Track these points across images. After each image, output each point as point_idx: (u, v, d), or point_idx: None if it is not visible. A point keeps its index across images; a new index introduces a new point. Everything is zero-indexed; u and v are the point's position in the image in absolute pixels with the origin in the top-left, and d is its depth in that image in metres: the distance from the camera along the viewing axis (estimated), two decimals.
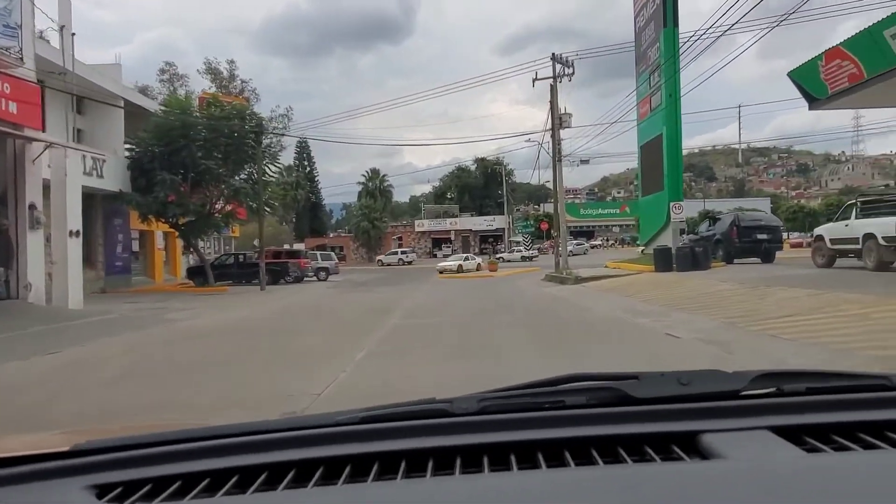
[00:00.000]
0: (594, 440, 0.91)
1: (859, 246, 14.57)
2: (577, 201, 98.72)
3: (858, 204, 15.05)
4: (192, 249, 28.43)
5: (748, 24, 33.93)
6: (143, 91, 47.22)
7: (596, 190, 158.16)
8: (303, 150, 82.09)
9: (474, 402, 1.01)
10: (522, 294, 19.41)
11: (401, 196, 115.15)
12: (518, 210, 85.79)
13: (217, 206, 26.77)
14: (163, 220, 25.58)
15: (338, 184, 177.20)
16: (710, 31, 17.69)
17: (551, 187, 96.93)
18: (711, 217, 23.37)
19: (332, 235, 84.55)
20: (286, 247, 76.75)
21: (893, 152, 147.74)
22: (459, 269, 35.58)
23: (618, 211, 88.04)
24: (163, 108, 26.02)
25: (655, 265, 19.36)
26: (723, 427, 0.91)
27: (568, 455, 0.88)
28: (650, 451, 0.89)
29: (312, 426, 1.01)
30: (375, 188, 75.53)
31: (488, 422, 0.97)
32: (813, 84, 15.65)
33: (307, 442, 0.96)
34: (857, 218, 14.93)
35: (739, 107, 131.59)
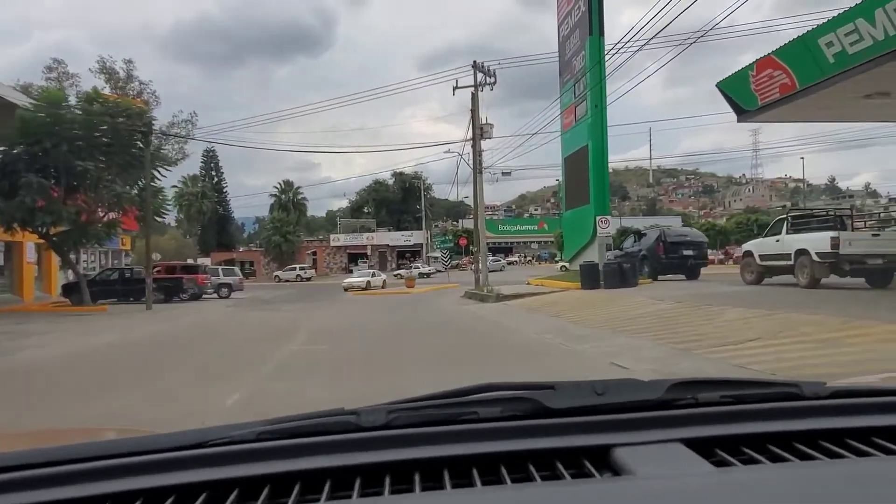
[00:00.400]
0: (504, 456, 0.89)
1: (791, 262, 13.94)
2: (494, 217, 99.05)
3: (789, 219, 14.48)
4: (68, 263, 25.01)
5: (665, 39, 34.26)
6: (26, 90, 42.55)
7: (514, 207, 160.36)
8: (210, 160, 77.68)
9: (382, 414, 0.97)
10: (441, 313, 17.81)
11: (318, 211, 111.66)
12: (436, 226, 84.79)
13: (98, 214, 23.63)
14: (30, 230, 22.23)
15: (252, 195, 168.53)
16: (630, 43, 17.11)
17: (470, 203, 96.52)
18: (636, 233, 22.73)
19: (241, 250, 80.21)
20: (189, 261, 72.37)
21: (788, 175, 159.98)
22: (367, 286, 33.51)
23: (535, 227, 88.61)
24: (32, 102, 22.71)
25: (582, 282, 18.29)
26: (636, 440, 0.90)
27: (476, 473, 0.85)
28: (561, 466, 0.87)
29: (201, 444, 0.92)
30: (288, 201, 72.18)
31: (396, 437, 0.93)
32: (742, 95, 15.01)
33: (195, 462, 0.88)
34: (787, 233, 14.32)
35: (650, 129, 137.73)
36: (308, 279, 60.52)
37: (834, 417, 0.96)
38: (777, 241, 14.62)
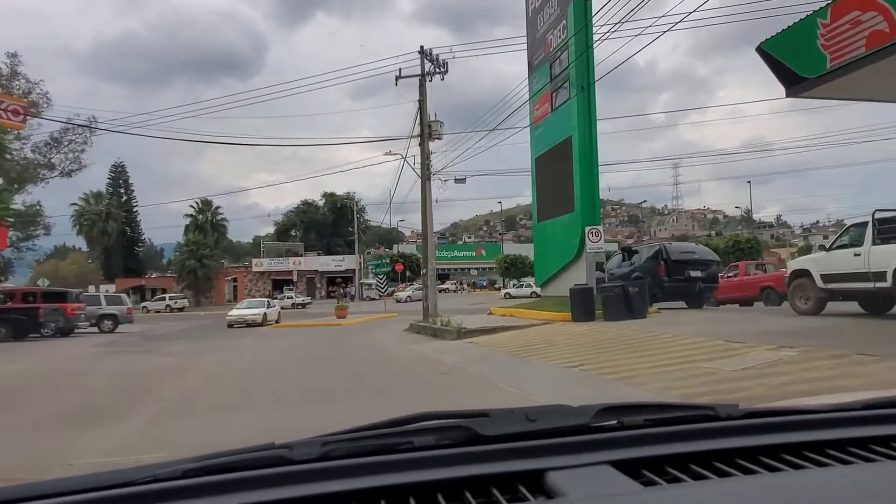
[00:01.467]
0: (441, 484, 0.90)
1: (888, 284, 9.84)
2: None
3: (876, 223, 10.39)
4: None
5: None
6: None
7: (447, 235, 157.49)
8: (118, 175, 69.94)
9: (317, 447, 0.96)
10: (384, 356, 12.85)
11: (244, 237, 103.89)
12: (369, 252, 79.39)
13: None
14: None
15: (174, 221, 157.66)
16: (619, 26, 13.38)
17: (403, 231, 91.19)
18: (626, 250, 18.58)
19: (153, 276, 72.20)
20: (92, 288, 63.90)
21: (706, 207, 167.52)
22: (264, 320, 26.52)
23: (473, 254, 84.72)
24: None
25: (573, 312, 13.79)
26: (567, 464, 0.92)
27: (413, 501, 0.87)
28: (496, 492, 0.89)
29: (125, 483, 0.88)
30: (206, 221, 65.14)
31: (331, 469, 0.91)
32: (801, 56, 10.94)
33: (118, 503, 0.84)
34: (875, 243, 10.26)
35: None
36: (181, 309, 54.15)
37: (747, 436, 1.01)
38: (856, 254, 10.54)
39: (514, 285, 51.80)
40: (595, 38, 14.93)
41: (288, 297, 57.16)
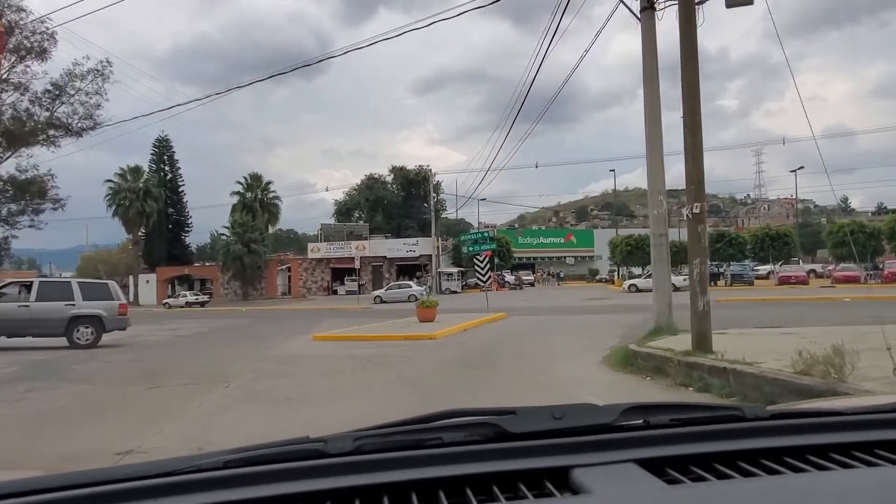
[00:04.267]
0: (469, 478, 0.92)
1: None
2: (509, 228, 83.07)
3: None
4: None
5: None
6: None
7: (516, 226, 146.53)
8: (162, 151, 61.51)
9: (350, 441, 0.98)
10: None
11: (310, 228, 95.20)
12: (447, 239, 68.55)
13: None
14: None
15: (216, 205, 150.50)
16: None
17: (470, 222, 79.59)
18: None
19: (197, 265, 63.71)
20: (131, 279, 55.70)
21: (793, 196, 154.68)
22: None
23: (562, 240, 72.66)
24: None
25: None
26: (593, 461, 0.93)
27: (442, 495, 0.88)
28: (523, 487, 0.90)
29: (169, 472, 0.92)
30: (255, 200, 55.86)
31: (364, 462, 0.94)
32: None
33: (164, 491, 0.88)
34: None
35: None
36: (202, 304, 45.48)
37: (773, 437, 1.01)
38: None
39: (643, 275, 39.60)
40: None
41: (181, 296, 47.19)
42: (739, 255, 38.83)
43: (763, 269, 41.04)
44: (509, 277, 49.83)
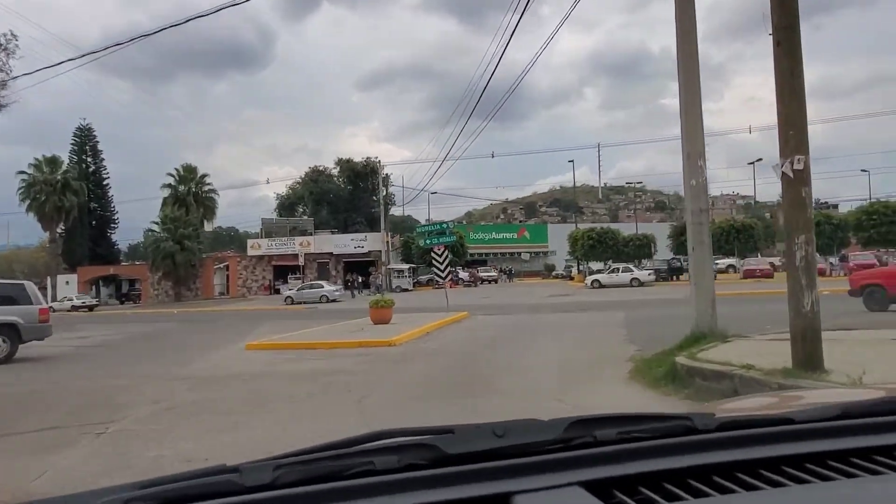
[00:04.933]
0: None
1: None
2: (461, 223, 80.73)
3: None
4: None
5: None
6: None
7: (464, 222, 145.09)
8: (83, 141, 56.42)
9: (269, 471, 0.87)
10: None
11: (252, 226, 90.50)
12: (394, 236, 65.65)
13: None
14: None
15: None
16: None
17: (418, 219, 76.71)
18: None
19: (126, 264, 58.92)
20: (50, 281, 50.54)
21: (736, 192, 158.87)
22: None
23: (515, 235, 70.91)
24: None
25: None
26: (537, 486, 0.88)
27: None
28: None
29: None
30: (189, 193, 51.70)
31: (283, 497, 0.84)
32: None
33: None
34: None
35: (599, 146, 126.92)
36: (90, 309, 41.76)
37: (724, 450, 0.96)
38: None
39: (605, 270, 37.93)
40: None
41: (67, 299, 43.24)
42: None
43: (723, 262, 40.17)
44: (463, 274, 47.53)
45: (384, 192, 51.16)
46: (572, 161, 65.04)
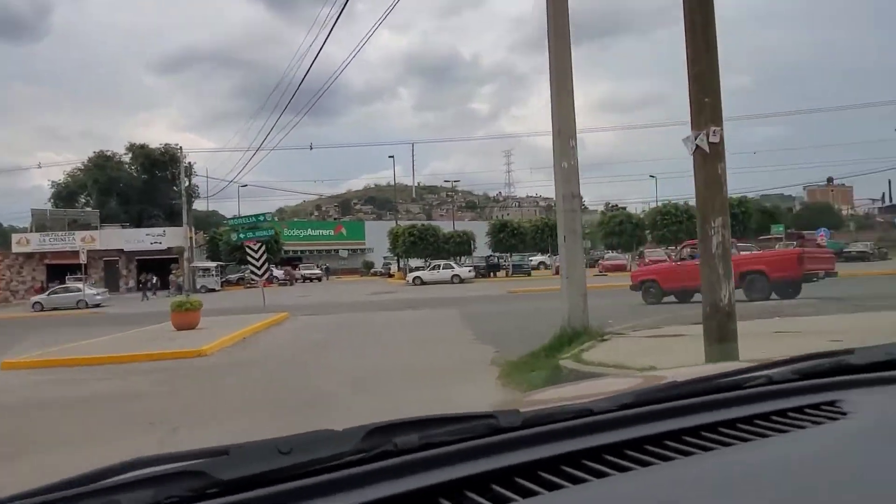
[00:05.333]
0: None
1: None
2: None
3: None
4: None
5: None
6: None
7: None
8: None
9: None
10: None
11: (21, 220, 76.80)
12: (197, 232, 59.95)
13: None
14: None
15: None
16: None
17: (224, 215, 71.54)
18: None
19: None
20: None
21: (538, 194, 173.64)
22: None
23: (332, 232, 68.99)
24: None
25: None
26: None
27: None
28: None
29: None
30: None
31: None
32: None
33: None
34: None
35: (413, 144, 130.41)
36: None
37: (527, 449, 0.93)
38: None
39: (426, 267, 37.72)
40: None
41: None
42: (521, 246, 39.29)
43: (535, 259, 42.30)
44: (278, 272, 44.67)
45: (186, 183, 46.27)
46: (392, 157, 64.29)
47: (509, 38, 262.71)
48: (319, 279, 45.77)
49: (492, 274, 39.67)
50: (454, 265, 37.28)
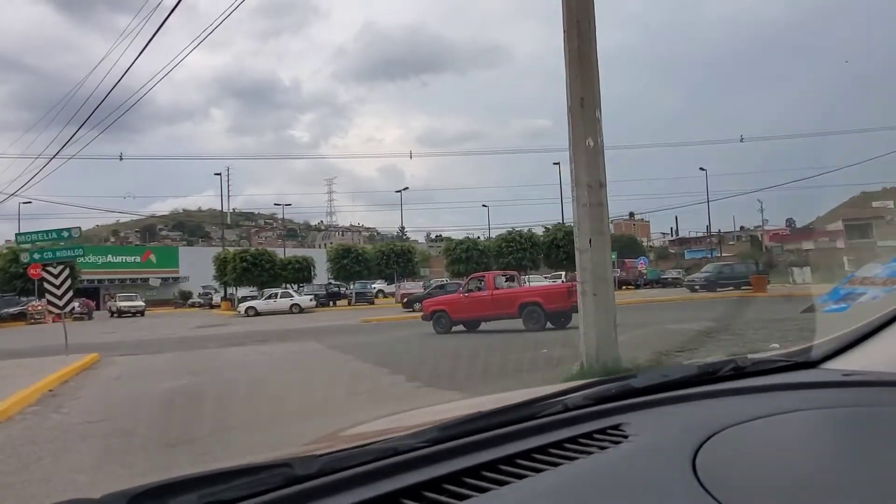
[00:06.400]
0: None
1: None
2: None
3: None
4: None
5: None
6: None
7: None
8: None
9: None
10: None
11: None
12: None
13: None
14: None
15: None
16: None
17: None
18: None
19: None
20: None
21: (360, 224, 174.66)
22: None
23: (139, 259, 60.84)
24: None
25: None
26: None
27: None
28: None
29: None
30: None
31: None
32: None
33: None
34: None
35: (228, 168, 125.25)
36: None
37: (326, 498, 0.88)
38: None
39: (261, 297, 33.67)
40: None
41: None
42: (366, 273, 36.84)
43: (375, 286, 40.18)
44: (74, 303, 37.50)
45: None
46: (219, 174, 58.23)
47: (330, 68, 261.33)
48: (142, 313, 38.69)
49: (332, 303, 36.82)
50: (293, 293, 33.84)
